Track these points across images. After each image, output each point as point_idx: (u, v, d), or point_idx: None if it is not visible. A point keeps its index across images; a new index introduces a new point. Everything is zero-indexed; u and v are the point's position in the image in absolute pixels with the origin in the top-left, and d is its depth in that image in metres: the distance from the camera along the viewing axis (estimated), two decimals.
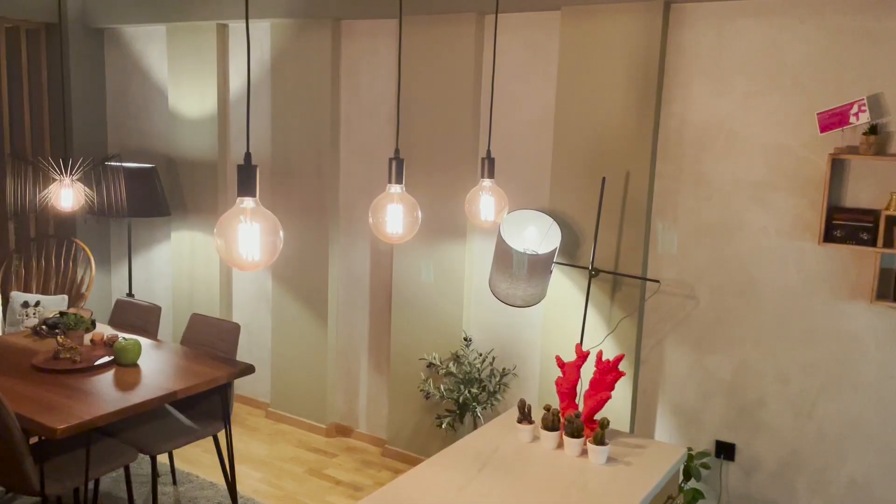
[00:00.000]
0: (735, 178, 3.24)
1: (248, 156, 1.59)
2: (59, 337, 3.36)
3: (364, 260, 4.38)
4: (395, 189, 2.16)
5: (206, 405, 3.64)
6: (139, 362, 3.43)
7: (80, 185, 3.35)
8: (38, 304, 4.75)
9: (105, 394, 3.04)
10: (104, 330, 3.91)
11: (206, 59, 4.72)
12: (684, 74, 3.31)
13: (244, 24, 4.64)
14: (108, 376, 3.26)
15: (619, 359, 2.54)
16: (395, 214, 2.12)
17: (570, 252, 3.57)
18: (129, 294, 5.47)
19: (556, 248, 3.37)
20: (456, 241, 3.91)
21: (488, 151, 2.65)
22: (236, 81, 4.74)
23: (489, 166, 2.61)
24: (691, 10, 3.27)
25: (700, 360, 3.39)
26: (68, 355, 3.34)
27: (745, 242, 3.24)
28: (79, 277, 5.02)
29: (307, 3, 4.22)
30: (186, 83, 4.83)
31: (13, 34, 5.00)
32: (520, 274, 3.27)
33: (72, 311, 4.01)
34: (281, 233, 1.65)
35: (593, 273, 3.35)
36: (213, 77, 4.70)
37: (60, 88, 5.16)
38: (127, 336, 3.72)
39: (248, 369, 3.45)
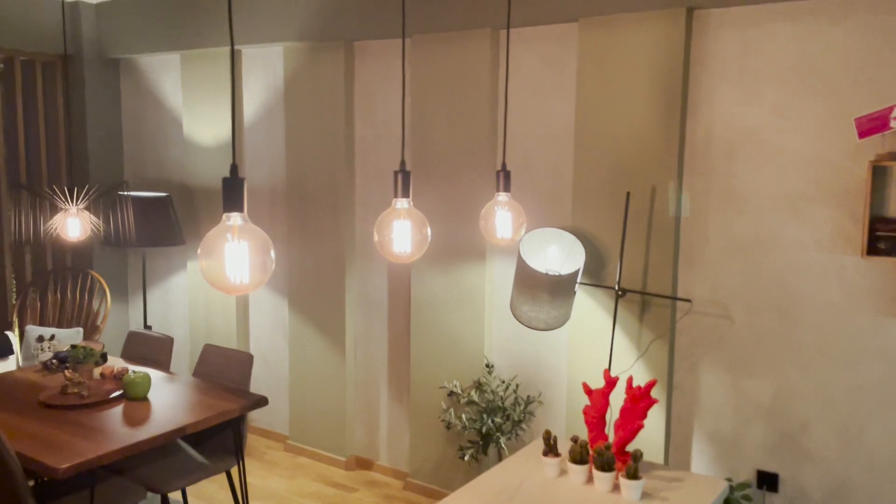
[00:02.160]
0: (768, 190, 3.06)
1: (233, 167, 1.46)
2: (66, 371, 3.26)
3: (381, 285, 4.25)
4: (402, 204, 2.02)
5: (220, 439, 3.50)
6: (149, 396, 3.31)
7: (86, 215, 3.27)
8: (52, 337, 4.68)
9: (112, 430, 2.92)
10: (116, 363, 3.81)
11: (219, 85, 4.66)
12: (710, 83, 3.16)
13: (258, 50, 4.58)
14: (116, 411, 3.14)
15: (650, 385, 2.37)
16: (402, 231, 1.97)
17: (594, 271, 3.40)
18: (147, 326, 5.38)
19: (579, 268, 3.20)
20: (475, 262, 3.76)
21: (503, 164, 2.50)
22: (251, 108, 4.67)
23: (504, 180, 2.47)
24: (715, 16, 3.12)
25: (737, 384, 3.19)
26: (76, 390, 3.23)
27: (782, 258, 3.05)
28: (95, 309, 4.95)
29: (320, 26, 4.15)
30: (201, 110, 4.78)
31: (29, 66, 5.00)
32: (542, 295, 3.11)
33: (82, 344, 3.92)
34: (272, 252, 1.51)
35: (620, 293, 3.17)
36: (227, 103, 4.64)
37: (76, 119, 5.14)
38: (137, 369, 3.61)
39: (261, 401, 3.31)
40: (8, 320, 4.86)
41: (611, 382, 2.43)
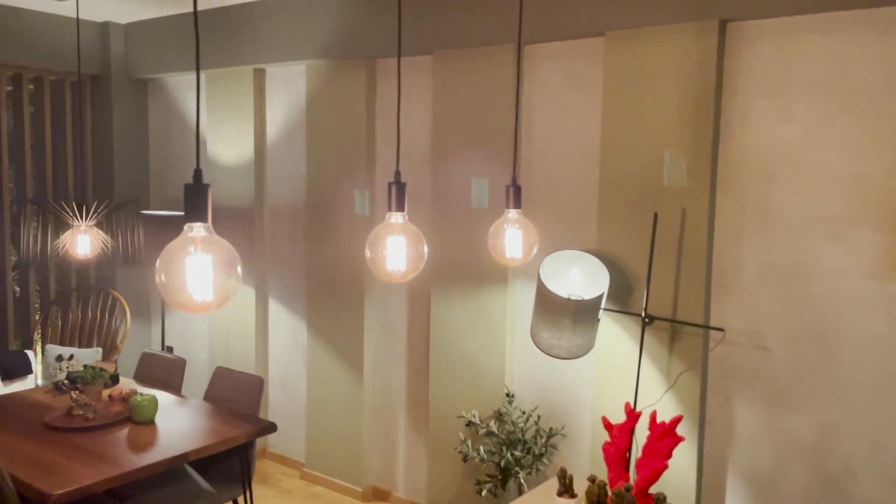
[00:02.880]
0: (807, 213, 2.85)
1: (197, 172, 1.33)
2: (73, 392, 3.18)
3: (401, 308, 4.11)
4: (396, 219, 1.88)
5: (228, 466, 3.38)
6: (157, 420, 3.22)
7: (96, 232, 3.20)
8: (71, 357, 4.63)
9: (113, 455, 2.81)
10: (129, 385, 3.73)
11: (243, 104, 4.62)
12: (745, 99, 2.98)
13: (281, 68, 4.53)
14: (121, 435, 3.05)
15: (676, 421, 2.17)
16: (396, 248, 1.83)
17: (620, 297, 3.21)
18: (167, 348, 5.32)
19: (603, 293, 3.02)
20: (496, 286, 3.60)
21: (513, 178, 2.34)
22: (273, 127, 4.62)
23: (515, 195, 2.31)
24: (750, 28, 2.95)
25: (775, 421, 2.96)
26: (81, 412, 3.14)
27: (822, 285, 2.83)
28: (115, 329, 4.90)
29: (342, 44, 4.08)
30: (224, 129, 4.74)
31: (58, 86, 5.03)
32: (564, 322, 2.93)
33: (95, 364, 3.85)
34: (239, 268, 1.37)
35: (647, 320, 2.98)
36: (251, 123, 4.59)
37: (104, 139, 5.15)
38: (146, 391, 3.53)
39: (270, 428, 3.19)
40: (31, 338, 4.84)
41: (633, 417, 2.24)
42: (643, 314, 2.99)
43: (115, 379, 3.68)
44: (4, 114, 4.79)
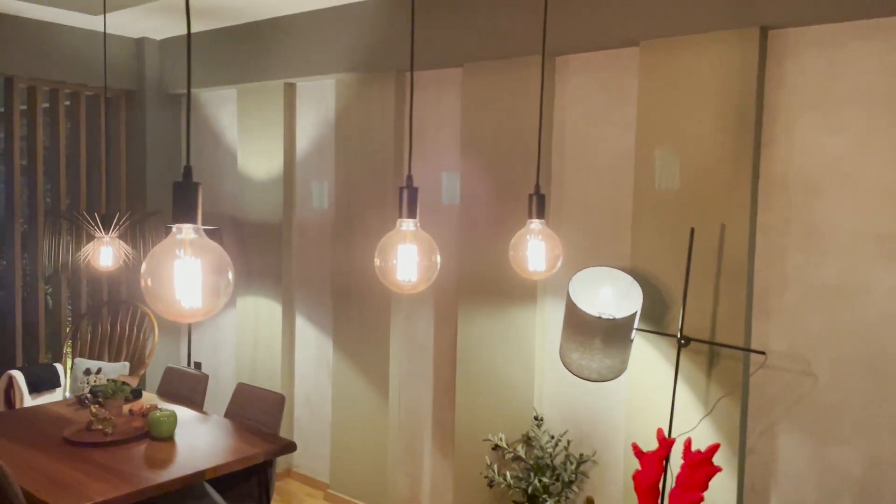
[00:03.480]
0: (856, 230, 2.68)
1: (187, 170, 1.25)
2: (92, 407, 3.14)
3: (427, 325, 4.01)
4: (408, 225, 1.78)
5: (248, 485, 3.30)
6: (176, 436, 3.15)
7: (119, 243, 3.18)
8: (99, 371, 4.63)
9: (129, 472, 2.75)
10: (151, 399, 3.68)
11: (273, 119, 4.60)
12: (788, 110, 2.83)
13: (311, 83, 4.50)
14: (138, 451, 2.99)
15: (712, 450, 2.02)
16: (407, 257, 1.73)
17: (655, 317, 3.06)
18: (196, 363, 5.30)
19: (636, 312, 2.88)
20: (525, 303, 3.47)
21: (537, 187, 2.22)
22: (303, 141, 4.58)
23: (537, 204, 2.18)
24: (794, 35, 2.81)
25: (821, 452, 2.77)
26: (101, 426, 3.10)
27: (873, 307, 2.65)
28: (144, 343, 4.89)
29: (371, 57, 4.03)
30: (254, 144, 4.72)
31: (93, 101, 5.09)
32: (594, 342, 2.79)
33: (119, 378, 3.82)
34: (230, 273, 1.28)
35: (683, 342, 2.83)
36: (280, 137, 4.56)
37: (137, 154, 5.18)
38: (166, 406, 3.47)
39: (289, 447, 3.10)
40: (61, 351, 4.85)
41: (665, 444, 2.09)
42: (679, 335, 2.83)
43: (137, 393, 3.64)
44: (41, 128, 4.84)
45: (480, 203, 3.63)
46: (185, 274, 1.21)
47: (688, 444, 2.08)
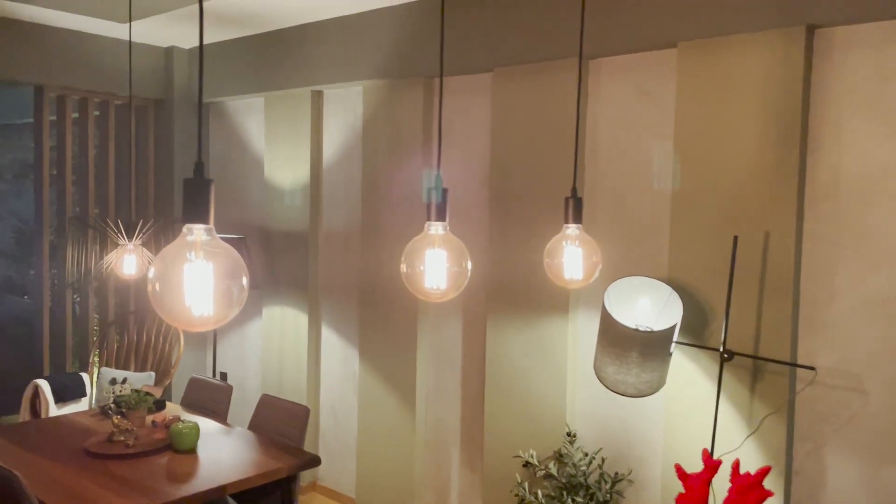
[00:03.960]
0: None
1: (199, 165, 1.16)
2: (115, 418, 3.08)
3: (455, 336, 3.90)
4: (437, 229, 1.67)
5: (271, 500, 3.21)
6: (198, 448, 3.08)
7: (143, 251, 3.12)
8: (124, 380, 4.59)
9: (149, 485, 2.68)
10: (175, 410, 3.62)
11: (300, 127, 4.55)
12: (836, 113, 2.68)
13: (339, 90, 4.44)
14: (160, 464, 2.92)
15: (763, 472, 1.89)
16: (435, 263, 1.62)
17: (695, 330, 2.92)
18: (222, 374, 5.25)
19: (675, 324, 2.74)
20: (557, 314, 3.35)
21: (573, 189, 2.10)
22: (330, 149, 4.52)
23: (575, 208, 2.06)
24: (842, 34, 2.67)
25: (875, 474, 2.60)
26: (122, 438, 3.04)
27: None
28: (170, 353, 4.85)
29: (399, 63, 3.96)
30: (281, 152, 4.67)
31: (123, 110, 5.09)
32: (631, 355, 2.66)
33: (143, 388, 3.77)
34: (244, 279, 1.18)
35: (726, 356, 2.68)
36: (307, 145, 4.51)
37: (165, 163, 5.17)
38: (189, 418, 3.40)
39: (313, 461, 3.01)
40: (88, 360, 4.83)
41: (712, 466, 1.96)
42: (722, 349, 2.69)
43: (160, 404, 3.58)
44: (70, 138, 4.85)
45: (510, 210, 3.52)
46: (195, 279, 1.11)
47: (735, 465, 1.95)
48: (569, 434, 3.28)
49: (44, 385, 4.26)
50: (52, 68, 4.62)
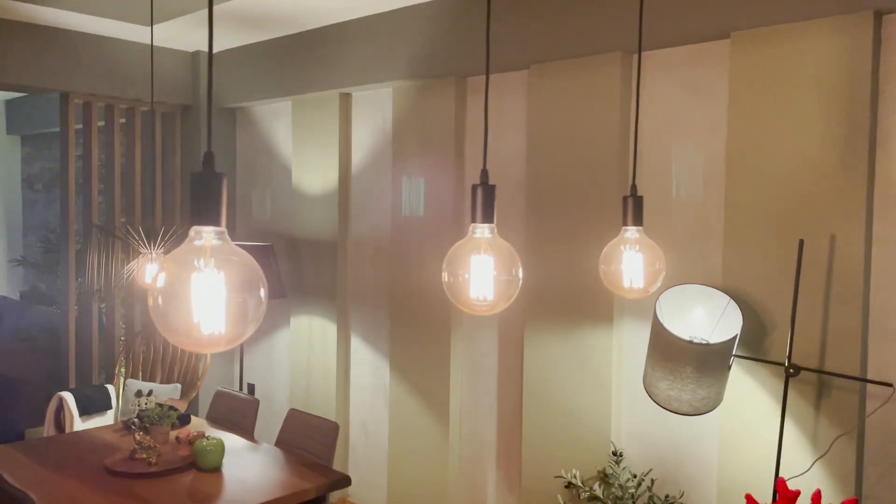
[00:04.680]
0: None
1: (208, 156, 0.98)
2: (137, 434, 2.94)
3: (492, 346, 3.71)
4: (483, 232, 1.48)
5: None
6: (223, 466, 2.93)
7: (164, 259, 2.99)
8: (150, 393, 4.47)
9: None
10: (200, 426, 3.48)
11: (328, 131, 4.41)
12: None
13: (368, 92, 4.30)
14: (183, 483, 2.77)
15: None
16: (481, 270, 1.42)
17: (753, 342, 2.70)
18: (250, 385, 5.11)
19: (735, 336, 2.53)
20: (600, 322, 3.15)
21: (633, 188, 1.90)
22: (359, 154, 4.37)
23: (634, 209, 1.85)
24: None
25: None
26: (145, 455, 2.90)
27: None
28: (197, 364, 4.72)
29: (430, 63, 3.80)
30: (309, 158, 4.54)
31: (148, 116, 5.00)
32: (685, 370, 2.46)
33: (168, 401, 3.64)
34: (262, 290, 1.00)
35: (791, 371, 2.46)
36: (335, 150, 4.36)
37: (192, 168, 5.07)
38: (215, 434, 3.26)
39: (342, 481, 2.84)
40: (113, 372, 4.73)
41: (789, 497, 1.75)
42: (786, 364, 2.47)
43: (185, 419, 3.44)
44: (96, 146, 4.77)
45: (548, 214, 3.33)
46: (203, 291, 0.93)
47: (816, 497, 1.74)
48: (614, 453, 3.07)
49: (68, 398, 4.16)
50: (76, 74, 4.54)
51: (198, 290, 0.93)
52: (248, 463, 2.99)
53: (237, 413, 3.49)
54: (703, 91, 2.94)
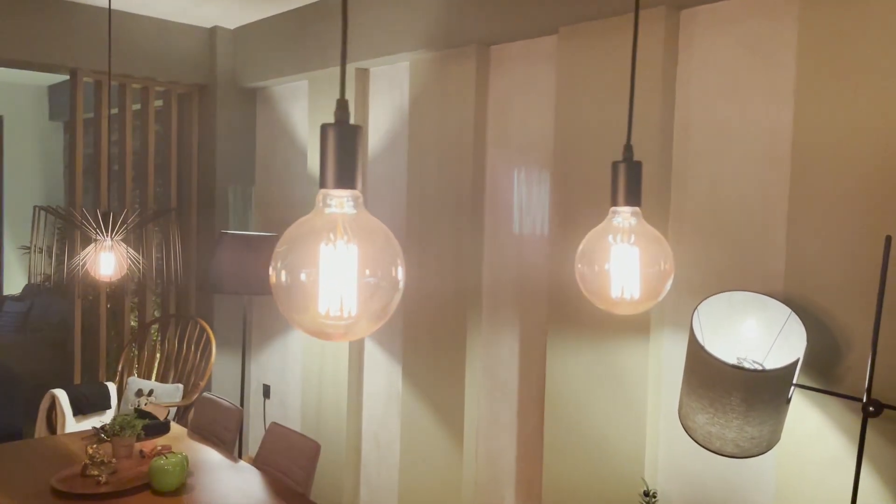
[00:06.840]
0: None
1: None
2: (88, 447, 2.59)
3: (511, 356, 3.22)
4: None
5: None
6: (186, 489, 2.55)
7: (122, 248, 2.63)
8: (151, 392, 4.17)
9: None
10: (177, 438, 3.12)
11: None
12: None
13: (385, 67, 3.86)
14: None
15: None
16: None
17: (821, 365, 2.13)
18: (265, 387, 4.76)
19: (797, 360, 1.97)
20: (635, 333, 2.62)
21: (627, 149, 1.25)
22: (375, 136, 3.94)
23: (629, 180, 1.19)
24: None
25: None
26: (96, 472, 2.54)
27: None
28: (203, 363, 4.40)
29: (450, 31, 3.32)
30: None
31: (165, 97, 4.70)
32: (730, 400, 1.92)
33: (146, 407, 3.30)
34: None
35: (871, 409, 1.89)
36: None
37: (208, 154, 4.74)
38: (184, 448, 2.88)
39: None
40: (115, 370, 4.45)
41: None
42: (865, 398, 1.90)
43: (162, 428, 3.08)
44: (105, 127, 4.48)
45: (576, 199, 2.82)
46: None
47: None
48: (646, 493, 2.54)
49: (61, 396, 3.89)
50: (88, 51, 4.26)
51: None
52: (216, 485, 2.60)
53: (219, 424, 3.11)
54: (766, 52, 2.37)
